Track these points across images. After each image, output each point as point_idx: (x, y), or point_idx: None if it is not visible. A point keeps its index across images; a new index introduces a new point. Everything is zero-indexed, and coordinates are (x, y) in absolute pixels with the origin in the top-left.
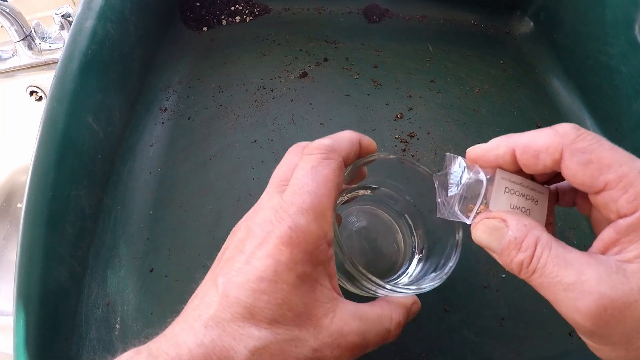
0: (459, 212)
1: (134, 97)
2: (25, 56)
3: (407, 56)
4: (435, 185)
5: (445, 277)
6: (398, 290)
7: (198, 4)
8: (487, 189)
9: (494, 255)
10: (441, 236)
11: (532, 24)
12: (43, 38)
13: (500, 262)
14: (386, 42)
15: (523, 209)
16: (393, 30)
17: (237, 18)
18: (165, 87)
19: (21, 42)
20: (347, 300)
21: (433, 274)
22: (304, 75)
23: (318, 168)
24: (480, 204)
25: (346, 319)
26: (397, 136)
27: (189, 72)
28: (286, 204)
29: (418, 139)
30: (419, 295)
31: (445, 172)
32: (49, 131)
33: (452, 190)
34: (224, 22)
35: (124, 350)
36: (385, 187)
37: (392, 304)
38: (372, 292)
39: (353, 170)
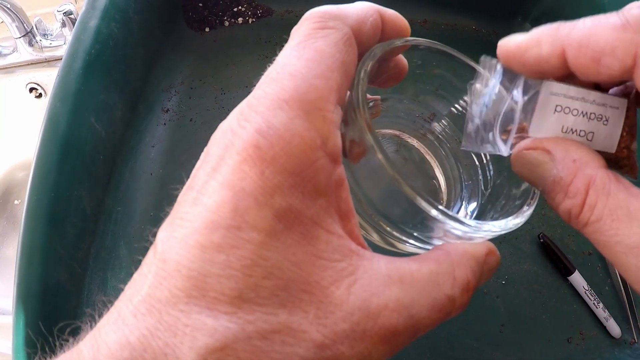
0: (489, 139)
1: (136, 97)
2: (26, 53)
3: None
4: (468, 99)
5: (530, 209)
6: (485, 226)
7: (201, 5)
8: (528, 107)
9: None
10: (503, 169)
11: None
12: (44, 35)
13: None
14: None
15: (582, 134)
16: None
17: (240, 19)
18: (167, 88)
19: (22, 38)
20: (375, 254)
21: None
22: None
23: (308, 42)
24: (517, 126)
25: (376, 286)
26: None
27: (191, 73)
28: (256, 98)
29: None
30: None
31: (481, 79)
32: (51, 131)
33: (478, 110)
34: (227, 23)
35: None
36: (417, 100)
37: (453, 254)
38: (423, 234)
39: (376, 59)
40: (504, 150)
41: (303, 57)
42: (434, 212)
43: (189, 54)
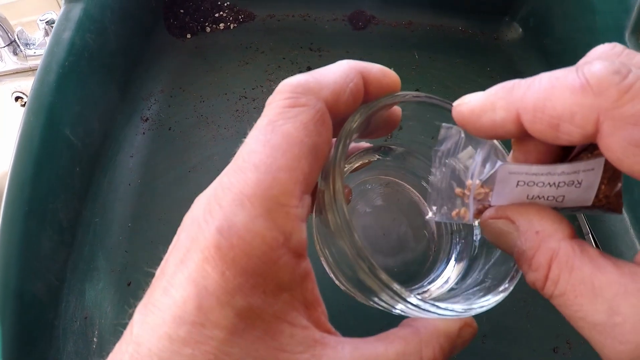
0: (446, 211)
1: (115, 106)
2: (11, 62)
3: (393, 64)
4: (432, 168)
5: (510, 286)
6: (442, 311)
7: (182, 11)
8: (489, 180)
9: None
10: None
11: (521, 30)
12: (27, 44)
13: None
14: (371, 49)
15: (551, 199)
16: (379, 37)
17: (221, 25)
18: (147, 96)
19: (6, 47)
20: (341, 340)
21: (486, 282)
22: None
23: (277, 123)
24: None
25: None
26: (381, 146)
27: (171, 80)
28: (222, 188)
29: None
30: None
31: (441, 146)
32: (25, 145)
33: (441, 177)
34: (208, 30)
35: None
36: (412, 149)
37: (423, 332)
38: (396, 310)
39: (362, 118)
40: (469, 218)
41: (269, 144)
42: (399, 305)
43: (169, 61)
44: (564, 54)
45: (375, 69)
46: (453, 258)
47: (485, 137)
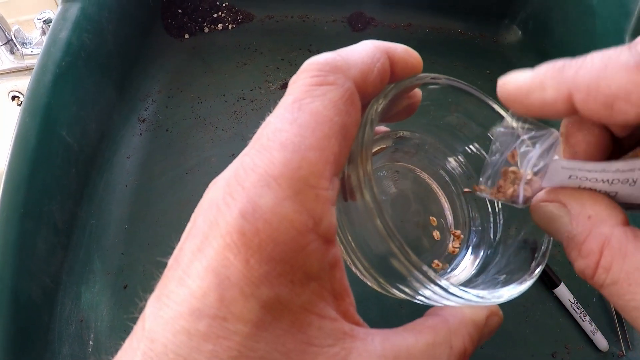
0: (495, 191)
1: (112, 107)
2: (7, 61)
3: None
4: (492, 145)
5: (536, 275)
6: (471, 296)
7: (180, 11)
8: (542, 170)
9: None
10: (513, 218)
11: (520, 32)
12: (23, 43)
13: None
14: None
15: (603, 192)
16: (378, 39)
17: (220, 25)
18: (144, 97)
19: (3, 46)
20: (370, 332)
21: (507, 271)
22: (285, 86)
23: (304, 101)
24: (526, 181)
25: None
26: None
27: (169, 81)
28: (244, 168)
29: None
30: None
31: (506, 128)
32: (20, 146)
33: (498, 159)
34: (206, 30)
35: None
36: (431, 135)
37: (451, 321)
38: (419, 297)
39: (390, 97)
40: (519, 202)
41: (297, 122)
42: (433, 287)
43: (167, 61)
44: (563, 57)
45: (400, 49)
46: (470, 247)
47: (531, 116)
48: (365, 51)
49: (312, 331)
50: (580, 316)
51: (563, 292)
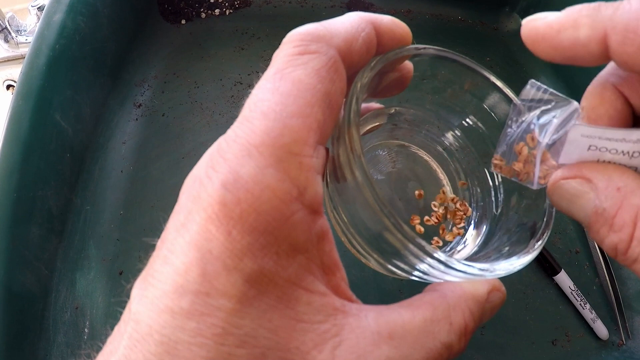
0: (513, 169)
1: (107, 92)
2: (2, 49)
3: None
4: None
5: (538, 248)
6: (468, 269)
7: None
8: (561, 139)
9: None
10: (513, 190)
11: (521, 20)
12: (18, 31)
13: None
14: None
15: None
16: None
17: (217, 11)
18: (140, 82)
19: None
20: (364, 307)
21: (509, 247)
22: None
23: (286, 71)
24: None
25: (364, 345)
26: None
27: (165, 66)
28: (226, 141)
29: None
30: None
31: (525, 100)
32: (13, 130)
33: (507, 136)
34: (203, 15)
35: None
36: (425, 111)
37: (450, 296)
38: (416, 273)
39: (377, 69)
40: (534, 180)
41: (278, 91)
42: (430, 261)
43: (163, 47)
44: None
45: (387, 19)
46: (472, 223)
47: (560, 58)
48: (349, 21)
49: (300, 306)
50: (580, 304)
51: (563, 279)
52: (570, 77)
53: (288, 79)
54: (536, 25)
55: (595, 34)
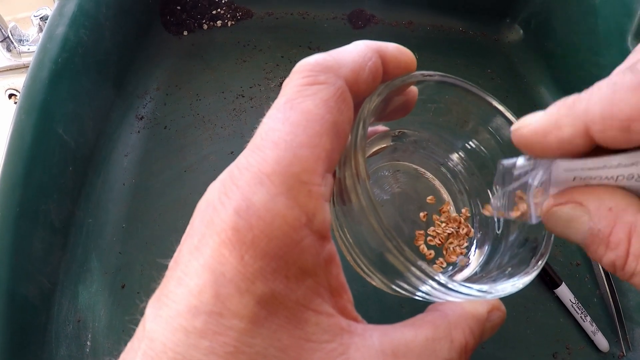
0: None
1: (109, 104)
2: (4, 58)
3: None
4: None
5: (538, 268)
6: (469, 290)
7: (179, 8)
8: (547, 179)
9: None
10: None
11: (522, 32)
12: (20, 41)
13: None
14: None
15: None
16: (378, 37)
17: (219, 22)
18: (142, 94)
19: (0, 44)
20: (369, 327)
21: (509, 266)
22: None
23: (296, 101)
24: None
25: None
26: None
27: (167, 78)
28: (238, 168)
29: None
30: None
31: (511, 161)
32: (16, 144)
33: (505, 190)
34: (205, 27)
35: None
36: (430, 133)
37: (451, 315)
38: (419, 293)
39: (383, 96)
40: (532, 218)
41: (288, 121)
42: (431, 282)
43: (165, 58)
44: (565, 57)
45: (392, 47)
46: (475, 243)
47: (552, 156)
48: (356, 51)
49: (309, 327)
50: (581, 316)
51: (564, 292)
52: (570, 88)
53: (298, 109)
54: (523, 134)
55: (577, 131)
